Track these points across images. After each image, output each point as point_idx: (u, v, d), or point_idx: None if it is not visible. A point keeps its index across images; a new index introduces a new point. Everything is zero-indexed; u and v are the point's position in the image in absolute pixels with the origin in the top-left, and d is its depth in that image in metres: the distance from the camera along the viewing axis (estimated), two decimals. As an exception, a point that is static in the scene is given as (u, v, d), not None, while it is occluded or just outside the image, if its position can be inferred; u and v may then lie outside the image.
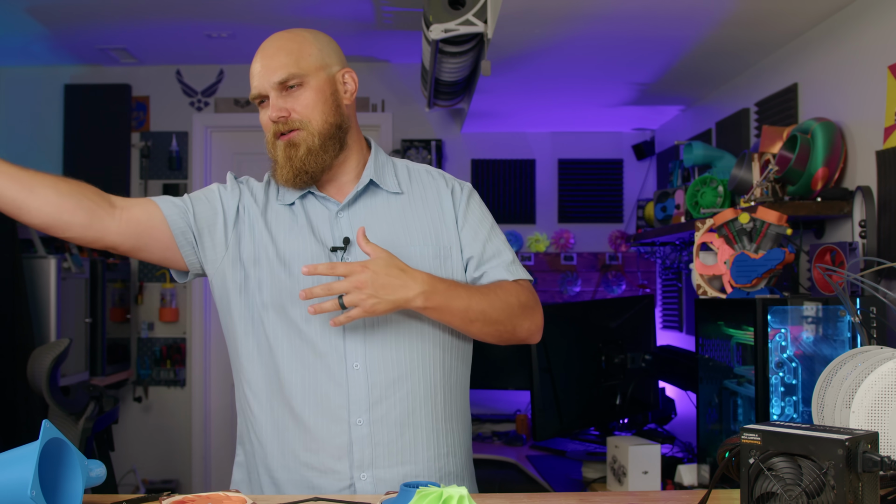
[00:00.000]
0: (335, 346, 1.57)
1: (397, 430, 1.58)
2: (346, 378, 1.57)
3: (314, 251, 1.61)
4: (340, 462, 1.56)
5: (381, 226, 1.64)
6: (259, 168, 5.65)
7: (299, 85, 1.59)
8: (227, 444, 4.88)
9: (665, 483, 2.88)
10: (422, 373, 1.61)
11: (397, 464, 1.58)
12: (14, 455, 1.24)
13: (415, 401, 1.60)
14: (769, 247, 2.43)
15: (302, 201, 1.66)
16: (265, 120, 1.62)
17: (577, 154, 5.02)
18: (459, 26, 2.80)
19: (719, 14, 2.71)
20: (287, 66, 1.58)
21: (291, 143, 1.59)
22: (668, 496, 1.64)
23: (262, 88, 1.60)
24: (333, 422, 1.57)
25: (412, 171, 1.74)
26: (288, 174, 1.60)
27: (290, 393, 1.59)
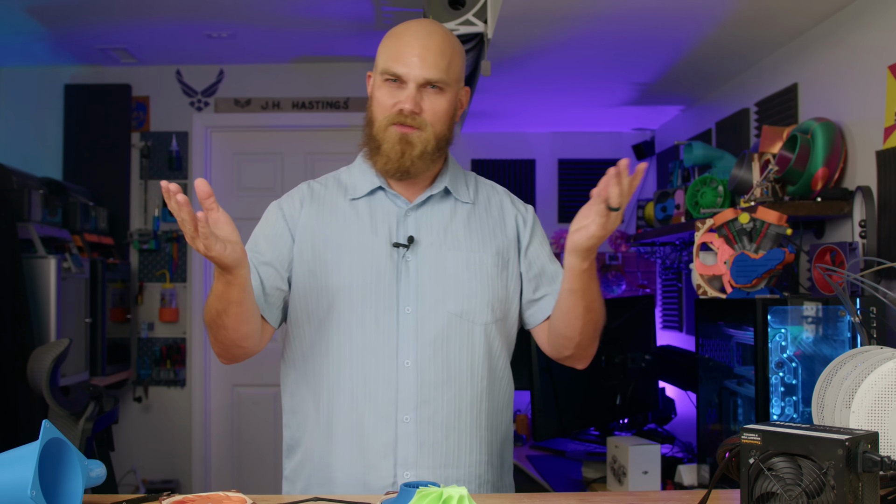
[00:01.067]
0: (388, 342, 1.59)
1: (443, 431, 1.60)
2: (397, 375, 1.58)
3: (374, 245, 1.62)
4: (385, 459, 1.58)
5: (446, 229, 1.66)
6: (259, 168, 5.58)
7: (439, 90, 1.60)
8: (227, 444, 4.88)
9: (665, 483, 2.88)
10: (469, 377, 1.62)
11: (441, 465, 1.60)
12: (14, 455, 1.24)
13: (461, 404, 1.61)
14: (769, 247, 2.43)
15: (370, 197, 1.68)
16: (388, 101, 1.60)
17: (577, 154, 5.02)
18: (459, 26, 2.80)
19: (719, 14, 2.71)
20: (440, 69, 1.58)
21: (408, 140, 1.59)
22: (668, 496, 1.64)
23: (407, 75, 1.57)
24: (381, 418, 1.58)
25: (479, 183, 1.77)
26: (393, 167, 1.61)
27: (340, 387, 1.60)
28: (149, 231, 4.82)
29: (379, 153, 1.62)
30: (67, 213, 4.21)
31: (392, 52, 1.60)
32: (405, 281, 1.61)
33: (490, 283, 1.65)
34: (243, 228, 1.38)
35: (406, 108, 1.58)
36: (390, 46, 1.61)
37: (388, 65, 1.59)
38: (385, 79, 1.60)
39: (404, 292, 1.60)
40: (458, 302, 1.61)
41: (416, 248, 1.63)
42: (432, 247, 1.63)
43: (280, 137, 4.96)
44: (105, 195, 4.75)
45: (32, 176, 4.07)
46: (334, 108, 4.90)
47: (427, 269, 1.62)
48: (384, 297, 1.59)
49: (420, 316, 1.59)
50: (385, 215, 1.65)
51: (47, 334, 3.69)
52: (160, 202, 4.86)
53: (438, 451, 1.59)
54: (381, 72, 1.61)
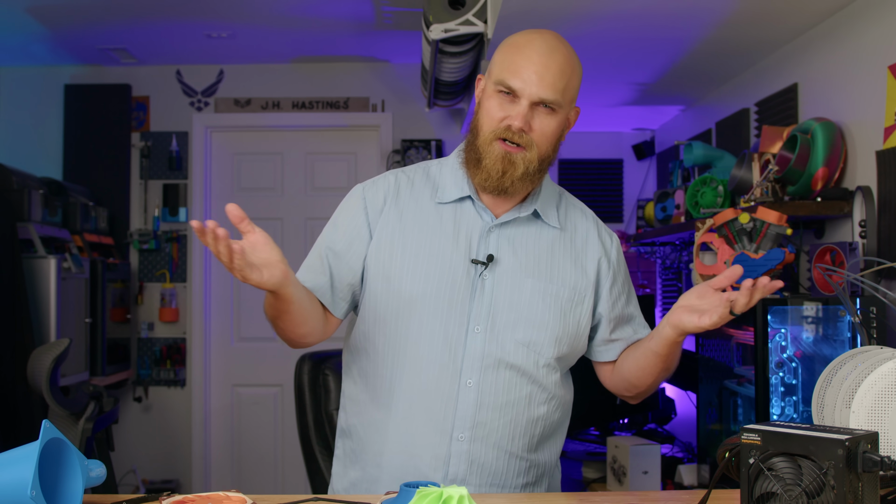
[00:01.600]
0: (454, 358, 1.57)
1: (494, 452, 1.59)
2: (457, 392, 1.57)
3: (453, 258, 1.60)
4: (436, 472, 1.58)
5: (528, 253, 1.62)
6: (259, 168, 5.57)
7: (552, 111, 1.55)
8: (227, 444, 4.88)
9: (665, 483, 2.88)
10: (527, 405, 1.61)
11: (487, 485, 1.60)
12: (14, 455, 1.24)
13: (516, 429, 1.61)
14: (769, 247, 2.43)
15: (458, 204, 1.64)
16: (496, 114, 1.54)
17: (577, 154, 5.02)
18: (459, 26, 2.80)
19: (719, 14, 2.71)
20: (557, 90, 1.52)
21: (511, 160, 1.54)
22: (668, 496, 1.64)
23: (522, 90, 1.52)
24: (436, 432, 1.58)
25: (569, 206, 1.73)
26: (493, 185, 1.56)
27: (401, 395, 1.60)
28: (149, 231, 4.82)
29: (479, 167, 1.57)
30: (67, 213, 4.21)
31: (510, 64, 1.53)
32: (479, 300, 1.58)
33: (563, 317, 1.62)
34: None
35: (515, 126, 1.53)
36: (509, 56, 1.55)
37: (503, 76, 1.53)
38: (498, 90, 1.55)
39: (476, 311, 1.58)
40: (528, 332, 1.59)
41: (494, 268, 1.59)
42: (511, 270, 1.60)
43: (280, 137, 4.96)
44: (105, 195, 4.75)
45: (32, 176, 4.08)
46: (334, 108, 4.90)
47: (502, 292, 1.59)
48: (456, 312, 1.57)
49: (489, 338, 1.58)
50: (468, 228, 1.62)
51: (47, 334, 3.69)
52: (160, 202, 4.87)
53: (487, 470, 1.59)
54: (496, 82, 1.55)
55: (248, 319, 4.91)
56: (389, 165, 4.78)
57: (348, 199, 1.69)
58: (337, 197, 4.46)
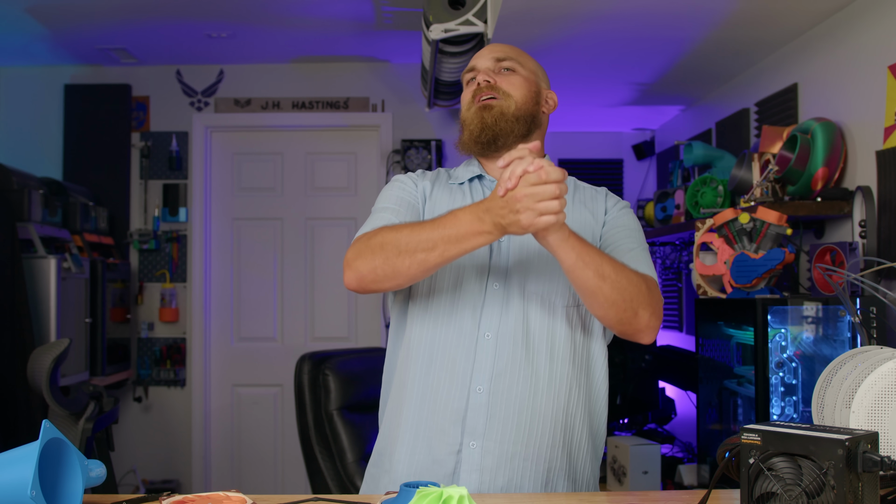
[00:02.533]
0: (473, 314, 1.62)
1: (516, 408, 1.59)
2: (476, 345, 1.61)
3: None
4: (454, 426, 1.59)
5: None
6: (259, 168, 5.55)
7: (512, 70, 1.72)
8: (227, 444, 4.88)
9: (665, 483, 2.88)
10: (549, 358, 1.62)
11: (509, 441, 1.58)
12: (14, 455, 1.24)
13: (538, 384, 1.60)
14: (769, 247, 2.43)
15: (470, 184, 1.76)
16: (467, 93, 1.74)
17: (577, 154, 5.01)
18: (459, 26, 2.80)
19: (719, 14, 2.71)
20: (509, 52, 1.74)
21: (487, 106, 1.68)
22: (668, 496, 1.64)
23: (479, 63, 1.74)
24: (455, 385, 1.60)
25: (578, 183, 1.83)
26: (475, 129, 1.69)
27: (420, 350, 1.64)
28: (149, 231, 4.82)
29: (465, 129, 1.72)
30: (67, 213, 4.21)
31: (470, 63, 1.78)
32: (496, 258, 1.65)
33: None
34: (243, 228, 1.38)
35: (480, 80, 1.71)
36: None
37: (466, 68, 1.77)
38: (465, 81, 1.76)
39: (494, 268, 1.65)
40: (541, 283, 1.64)
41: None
42: None
43: (280, 137, 4.96)
44: (105, 195, 4.75)
45: (32, 176, 4.07)
46: (334, 108, 4.90)
47: (517, 249, 1.66)
48: (476, 271, 1.64)
49: (506, 293, 1.63)
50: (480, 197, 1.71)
51: (47, 334, 3.69)
52: (160, 202, 4.87)
53: (509, 426, 1.58)
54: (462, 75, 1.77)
55: (248, 319, 4.91)
56: (389, 165, 4.79)
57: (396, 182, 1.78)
58: (337, 197, 4.50)
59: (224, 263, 4.90)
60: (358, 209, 4.84)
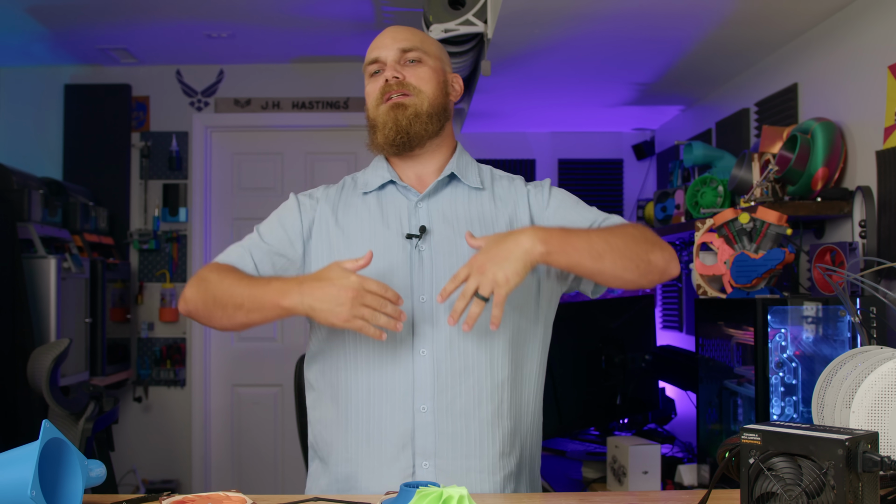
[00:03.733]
0: (404, 332, 1.57)
1: (462, 421, 1.56)
2: (413, 365, 1.57)
3: (386, 238, 1.62)
4: (404, 450, 1.56)
5: (458, 218, 1.65)
6: (259, 168, 5.55)
7: (418, 61, 1.65)
8: (227, 444, 4.88)
9: (665, 483, 2.88)
10: (489, 366, 1.58)
11: (461, 456, 1.56)
12: (14, 455, 1.24)
13: (481, 393, 1.58)
14: (769, 247, 2.43)
15: (380, 192, 1.69)
16: (374, 88, 1.67)
17: (577, 154, 5.01)
18: (459, 26, 2.80)
19: (719, 14, 2.71)
20: (413, 41, 1.66)
21: (400, 105, 1.63)
22: (668, 496, 1.64)
23: (383, 53, 1.66)
24: (397, 409, 1.56)
25: (494, 174, 1.76)
26: (391, 132, 1.63)
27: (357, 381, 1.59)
28: (149, 231, 4.82)
29: (377, 130, 1.66)
30: (67, 213, 4.21)
31: (369, 50, 1.70)
32: (419, 271, 1.60)
33: None
34: (243, 228, 1.39)
35: (389, 77, 1.63)
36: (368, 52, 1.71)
37: (367, 59, 1.69)
38: (369, 73, 1.69)
39: (418, 282, 1.59)
40: None
41: (428, 238, 1.62)
42: (446, 236, 1.62)
43: (280, 137, 4.96)
44: (105, 195, 4.75)
45: (32, 176, 4.07)
46: (334, 108, 4.90)
47: (441, 258, 1.60)
48: (399, 288, 1.57)
49: (436, 305, 1.57)
50: (396, 208, 1.66)
51: (47, 334, 3.69)
52: (160, 202, 4.87)
53: (458, 440, 1.56)
54: (365, 67, 1.70)
55: (248, 319, 4.91)
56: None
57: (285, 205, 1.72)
58: (337, 197, 4.27)
59: (224, 263, 4.90)
60: (358, 209, 4.84)
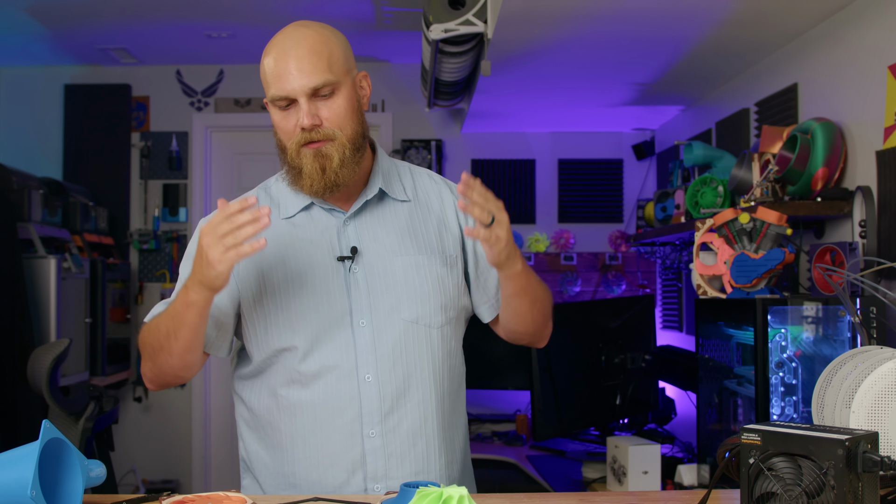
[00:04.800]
0: (346, 358, 1.54)
1: (410, 440, 1.57)
2: (359, 391, 1.55)
3: (318, 263, 1.57)
4: (354, 475, 1.55)
5: (388, 234, 1.60)
6: (259, 168, 5.59)
7: (331, 93, 1.52)
8: (227, 444, 4.88)
9: (665, 483, 2.88)
10: (432, 382, 1.59)
11: (411, 474, 1.57)
12: (14, 455, 1.24)
13: (426, 409, 1.59)
14: (769, 247, 2.43)
15: (305, 213, 1.62)
16: (287, 126, 1.52)
17: (577, 154, 5.01)
18: (459, 26, 2.80)
19: (719, 14, 2.71)
20: (322, 72, 1.50)
21: (324, 155, 1.51)
22: (668, 496, 1.64)
23: (291, 91, 1.50)
24: (346, 435, 1.55)
25: (415, 175, 1.70)
26: (319, 186, 1.53)
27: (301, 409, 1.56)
28: (149, 231, 4.82)
29: (301, 177, 1.54)
30: (67, 213, 4.21)
31: (270, 75, 1.53)
32: (356, 294, 1.56)
33: (441, 284, 1.60)
34: (243, 228, 1.37)
35: (307, 125, 1.50)
36: (266, 68, 1.54)
37: (271, 91, 1.52)
38: (275, 105, 1.53)
39: (357, 306, 1.55)
40: (413, 308, 1.57)
41: (361, 259, 1.57)
42: (378, 254, 1.58)
43: (280, 137, 4.96)
44: (105, 195, 4.75)
45: (32, 176, 4.07)
46: (334, 108, 4.90)
47: (376, 278, 1.57)
48: (337, 313, 1.54)
49: (376, 328, 1.55)
50: (324, 230, 1.59)
51: (47, 334, 3.69)
52: (160, 202, 4.86)
53: (407, 459, 1.57)
54: (270, 100, 1.54)
55: (248, 319, 4.91)
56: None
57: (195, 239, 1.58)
58: (337, 197, 4.24)
59: (224, 263, 4.90)
60: (358, 209, 4.83)
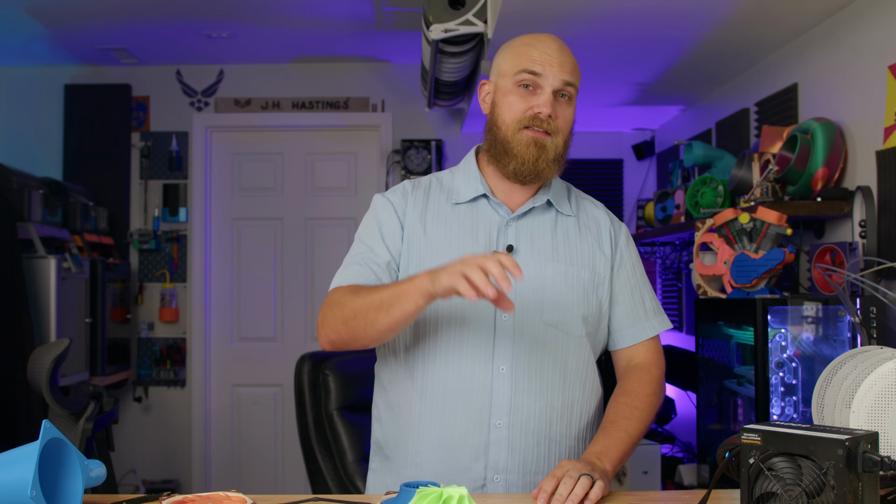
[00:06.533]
0: (485, 346, 1.59)
1: (534, 438, 1.60)
2: (491, 380, 1.59)
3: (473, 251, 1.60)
4: (476, 461, 1.59)
5: (545, 241, 1.66)
6: (259, 168, 5.55)
7: (569, 97, 1.63)
8: (227, 444, 4.88)
9: (665, 483, 2.88)
10: (562, 387, 1.63)
11: (530, 473, 1.60)
12: (14, 455, 1.24)
13: (552, 413, 1.62)
14: (769, 247, 2.43)
15: (473, 204, 1.68)
16: (520, 105, 1.60)
17: (577, 154, 5.01)
18: (459, 26, 2.80)
19: (719, 14, 2.71)
20: (574, 74, 1.62)
21: (541, 144, 1.60)
22: (668, 496, 1.64)
23: (548, 76, 1.59)
24: (473, 421, 1.59)
25: (580, 197, 1.78)
26: (529, 169, 1.60)
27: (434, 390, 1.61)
28: (149, 231, 4.82)
29: (509, 156, 1.61)
30: (67, 213, 4.21)
31: (528, 58, 1.60)
32: None
33: (585, 297, 1.66)
34: (243, 228, 1.38)
35: (544, 113, 1.59)
36: (524, 52, 1.62)
37: (525, 65, 1.60)
38: (520, 83, 1.60)
39: None
40: (555, 313, 1.63)
41: (515, 257, 1.63)
42: (532, 257, 1.64)
43: (280, 137, 4.96)
44: (105, 195, 4.75)
45: (32, 176, 4.07)
46: (334, 108, 4.90)
47: (526, 278, 1.59)
48: (482, 305, 1.57)
49: (517, 323, 1.60)
50: (486, 223, 1.66)
51: (47, 334, 3.69)
52: (160, 202, 4.87)
53: (529, 457, 1.60)
54: (518, 72, 1.60)
55: (248, 319, 4.91)
56: (389, 165, 4.78)
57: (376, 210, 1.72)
58: (337, 197, 4.51)
59: (224, 263, 4.90)
60: (358, 209, 4.84)
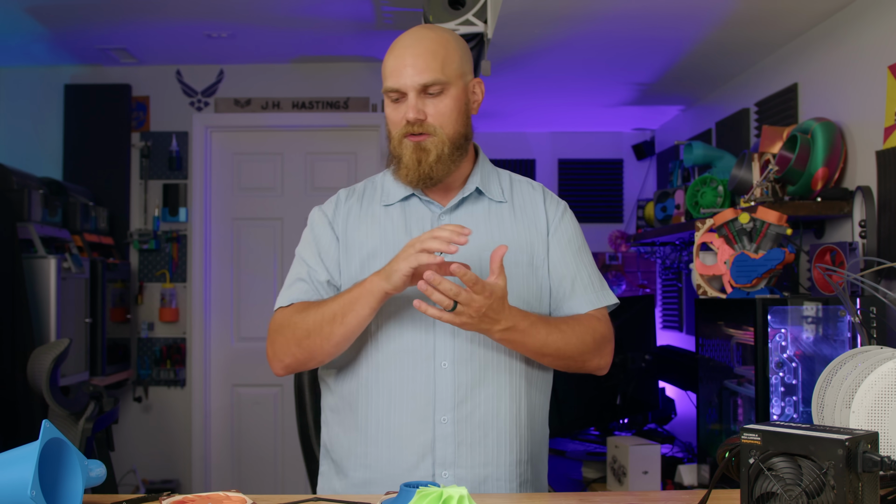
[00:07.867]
0: (425, 343, 1.60)
1: (481, 430, 1.61)
2: (434, 376, 1.60)
3: None
4: (424, 459, 1.59)
5: (480, 231, 1.67)
6: (259, 168, 5.55)
7: (440, 92, 1.61)
8: (227, 444, 4.88)
9: (665, 483, 2.88)
10: (508, 376, 1.63)
11: (479, 465, 1.61)
12: (14, 455, 1.24)
13: (499, 402, 1.62)
14: (769, 247, 2.43)
15: (404, 203, 1.70)
16: (396, 116, 1.63)
17: (577, 154, 5.02)
18: (459, 26, 2.80)
19: (719, 14, 2.71)
20: (434, 71, 1.60)
21: (422, 148, 1.61)
22: (668, 496, 1.64)
23: (403, 86, 1.60)
24: (418, 419, 1.59)
25: (514, 181, 1.78)
26: (414, 177, 1.62)
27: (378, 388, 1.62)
28: (149, 231, 4.82)
29: (400, 166, 1.65)
30: (67, 213, 4.21)
31: (388, 69, 1.64)
32: None
33: (525, 283, 1.66)
34: (243, 228, 1.38)
35: (411, 118, 1.60)
36: (386, 63, 1.65)
37: (387, 83, 1.64)
38: (388, 98, 1.64)
39: None
40: None
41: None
42: (467, 249, 1.62)
43: (280, 137, 4.96)
44: (105, 195, 4.75)
45: (32, 176, 4.07)
46: (334, 108, 4.90)
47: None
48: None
49: None
50: (419, 220, 1.68)
51: (47, 334, 3.69)
52: (160, 202, 4.87)
53: (477, 450, 1.60)
54: (385, 91, 1.65)
55: (248, 319, 4.91)
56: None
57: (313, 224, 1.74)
58: (337, 197, 4.26)
59: (224, 263, 4.90)
60: (358, 209, 4.83)
